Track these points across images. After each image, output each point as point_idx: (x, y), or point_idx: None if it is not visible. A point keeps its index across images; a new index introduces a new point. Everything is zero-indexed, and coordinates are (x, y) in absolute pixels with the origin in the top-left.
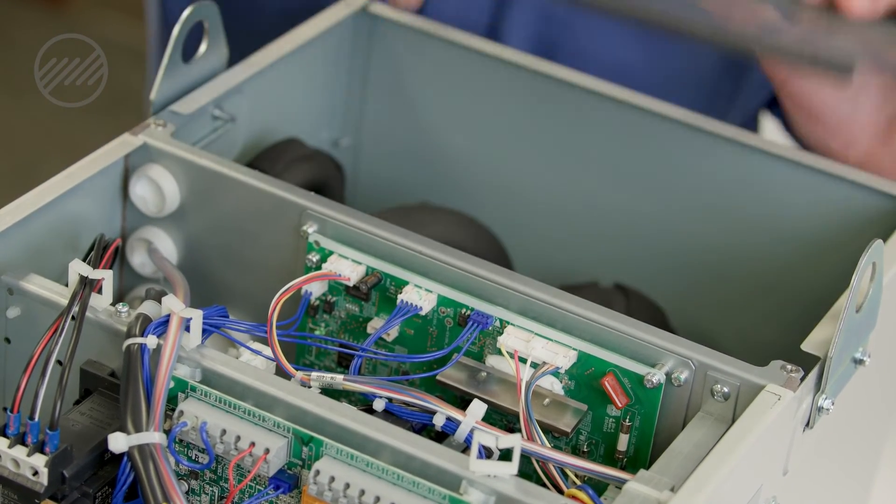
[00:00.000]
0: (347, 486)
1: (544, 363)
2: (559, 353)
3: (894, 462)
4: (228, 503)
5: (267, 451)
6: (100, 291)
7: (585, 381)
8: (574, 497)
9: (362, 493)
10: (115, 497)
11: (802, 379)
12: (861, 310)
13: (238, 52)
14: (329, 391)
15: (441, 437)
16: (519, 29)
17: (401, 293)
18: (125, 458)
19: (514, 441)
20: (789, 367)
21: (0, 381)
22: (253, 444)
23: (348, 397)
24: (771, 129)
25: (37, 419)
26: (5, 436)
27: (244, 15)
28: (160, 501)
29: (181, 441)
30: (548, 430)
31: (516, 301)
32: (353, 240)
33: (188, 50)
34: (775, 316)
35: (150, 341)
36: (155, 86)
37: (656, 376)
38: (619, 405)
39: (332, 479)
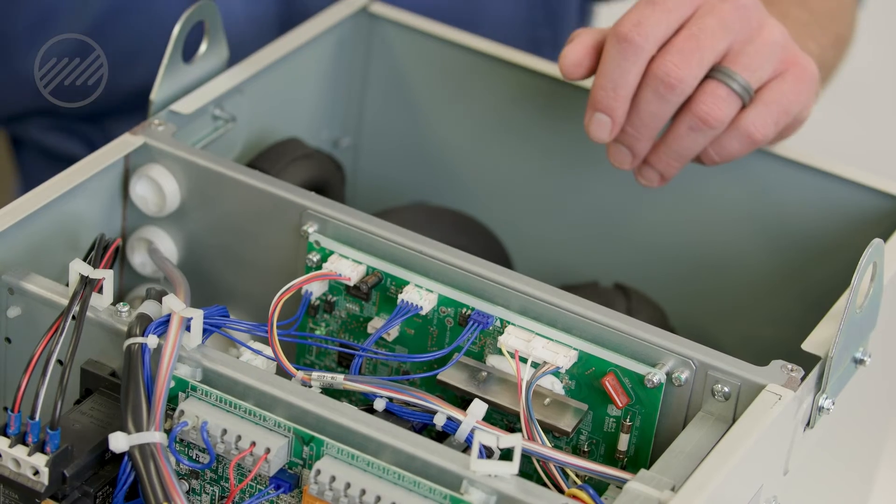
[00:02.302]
0: (348, 485)
1: (545, 363)
2: (560, 352)
3: (894, 462)
4: (229, 503)
5: (268, 450)
6: (100, 291)
7: (586, 380)
8: (575, 497)
9: (363, 492)
10: (115, 496)
11: (803, 379)
12: (861, 310)
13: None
14: (330, 391)
15: (442, 436)
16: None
17: (401, 293)
18: (126, 458)
19: (515, 441)
20: (790, 366)
21: (1, 381)
22: (254, 443)
23: (349, 397)
24: None
25: (37, 419)
26: (6, 435)
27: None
28: (161, 501)
29: (182, 441)
30: (548, 429)
31: (517, 301)
32: (354, 239)
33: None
34: (775, 316)
35: (151, 341)
36: (155, 86)
37: (657, 376)
38: (620, 405)
39: (333, 478)
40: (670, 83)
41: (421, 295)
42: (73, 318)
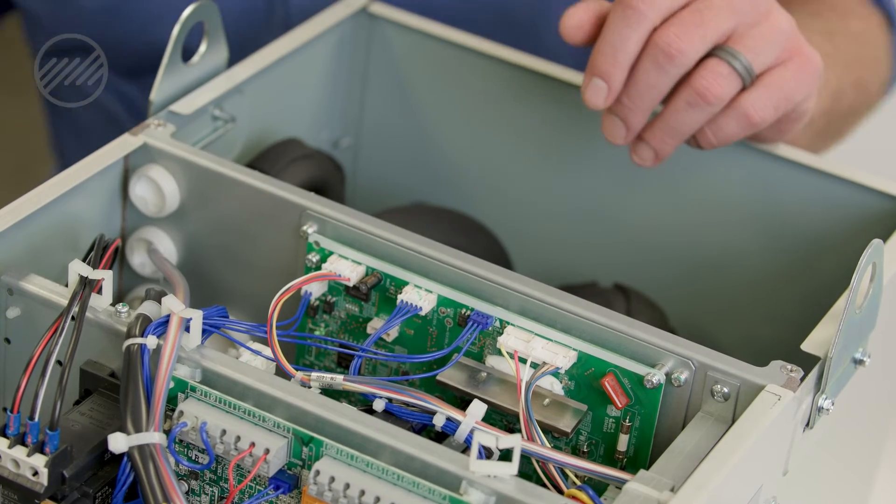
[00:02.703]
0: (347, 486)
1: (544, 363)
2: (559, 353)
3: (894, 462)
4: (228, 503)
5: (267, 451)
6: (100, 292)
7: (585, 381)
8: (574, 497)
9: (362, 493)
10: (115, 497)
11: (802, 379)
12: (861, 310)
13: None
14: (329, 391)
15: (441, 437)
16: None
17: (401, 293)
18: (125, 459)
19: (514, 441)
20: (789, 367)
21: (0, 382)
22: (253, 444)
23: (348, 398)
24: None
25: (37, 419)
26: (5, 436)
27: None
28: (160, 502)
29: (181, 441)
30: (548, 430)
31: (516, 301)
32: (353, 240)
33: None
34: (775, 316)
35: (150, 341)
36: (155, 86)
37: (656, 376)
38: (619, 405)
39: (333, 479)
40: (670, 53)
41: (420, 295)
42: (73, 318)
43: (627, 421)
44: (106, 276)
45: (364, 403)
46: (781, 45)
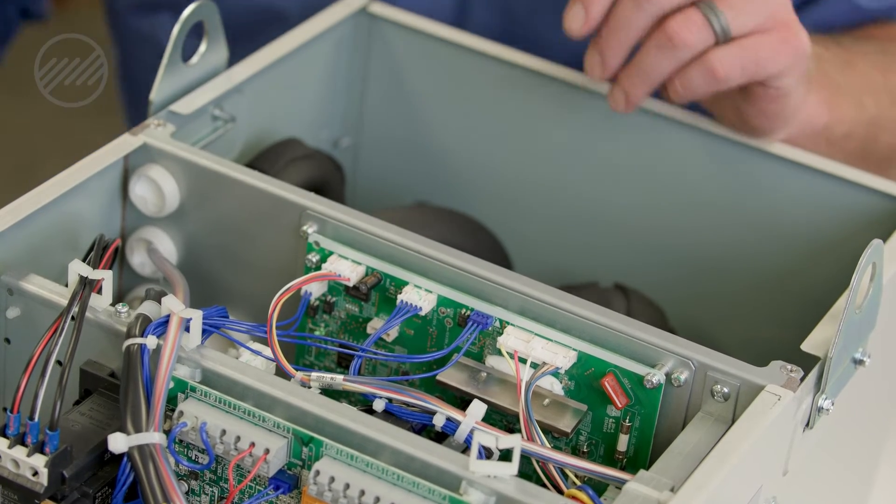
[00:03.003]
0: (347, 486)
1: (544, 363)
2: (559, 353)
3: (894, 462)
4: (228, 503)
5: (267, 451)
6: (99, 292)
7: (585, 381)
8: (574, 497)
9: (362, 493)
10: (114, 497)
11: (802, 379)
12: (861, 310)
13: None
14: (329, 391)
15: (441, 437)
16: (482, 26)
17: (400, 293)
18: (125, 459)
19: (514, 441)
20: (789, 367)
21: (0, 382)
22: (253, 444)
23: (348, 398)
24: None
25: (37, 419)
26: (5, 436)
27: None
28: (160, 502)
29: (181, 441)
30: (548, 430)
31: (516, 301)
32: (353, 240)
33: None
34: (775, 316)
35: (150, 341)
36: (155, 86)
37: (656, 377)
38: (619, 405)
39: (332, 479)
40: None
41: (420, 295)
42: (73, 318)
43: (627, 421)
44: (106, 276)
45: (364, 403)
46: (767, 14)
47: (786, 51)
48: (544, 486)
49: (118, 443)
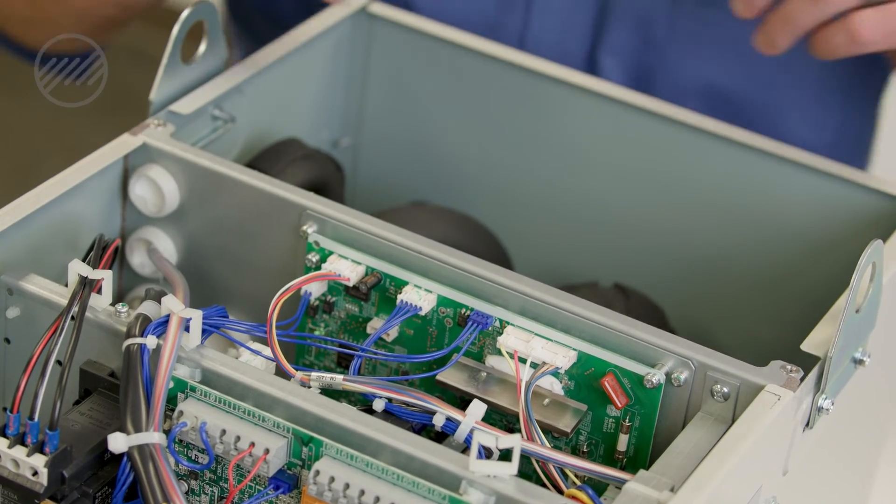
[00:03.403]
0: (347, 486)
1: (544, 363)
2: (559, 353)
3: (894, 462)
4: (228, 503)
5: (267, 451)
6: (99, 291)
7: (585, 381)
8: (574, 497)
9: (362, 493)
10: (114, 497)
11: (802, 379)
12: (861, 310)
13: (260, 42)
14: (329, 391)
15: (441, 437)
16: (616, 56)
17: (400, 293)
18: (125, 459)
19: (514, 441)
20: (789, 367)
21: (0, 382)
22: (253, 444)
23: (348, 397)
24: None
25: (36, 419)
26: (5, 436)
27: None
28: (160, 502)
29: (181, 441)
30: (547, 430)
31: (516, 301)
32: (353, 240)
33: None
34: (775, 316)
35: (150, 341)
36: (154, 86)
37: (656, 376)
38: (619, 405)
39: (332, 479)
40: None
41: (420, 295)
42: (73, 318)
43: (627, 421)
44: (106, 276)
45: (364, 403)
46: None
47: None
48: (544, 485)
49: (118, 443)
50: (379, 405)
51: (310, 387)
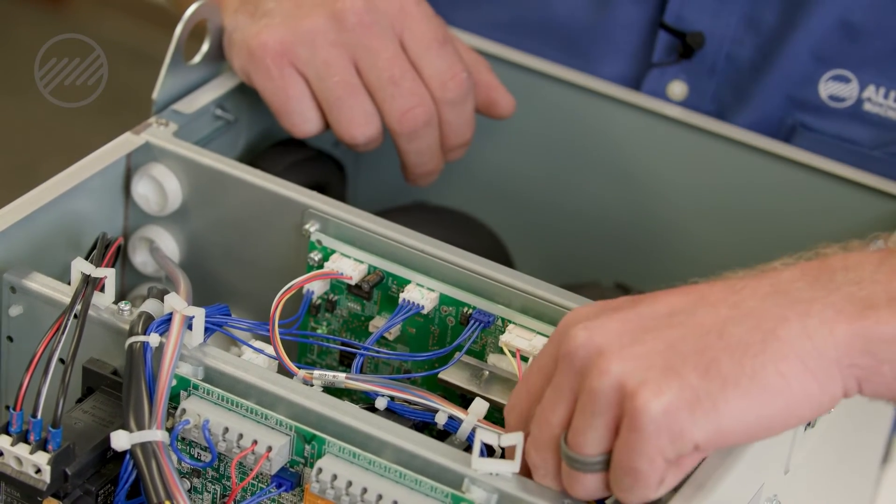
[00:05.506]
0: (350, 484)
1: None
2: None
3: (895, 462)
4: (230, 501)
5: (269, 449)
6: (102, 290)
7: None
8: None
9: (364, 491)
10: (117, 495)
11: None
12: None
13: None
14: (331, 389)
15: (443, 435)
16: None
17: (402, 292)
18: (127, 456)
19: (516, 439)
20: None
21: (2, 380)
22: (255, 442)
23: (350, 396)
24: None
25: (39, 417)
26: (8, 434)
27: None
28: (162, 499)
29: (183, 439)
30: None
31: (518, 300)
32: (355, 238)
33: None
34: None
35: (153, 339)
36: (157, 85)
37: None
38: None
39: (335, 477)
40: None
41: (422, 294)
42: (75, 316)
43: None
44: (108, 275)
45: (366, 401)
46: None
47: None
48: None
49: (121, 440)
50: (381, 403)
51: (312, 385)
